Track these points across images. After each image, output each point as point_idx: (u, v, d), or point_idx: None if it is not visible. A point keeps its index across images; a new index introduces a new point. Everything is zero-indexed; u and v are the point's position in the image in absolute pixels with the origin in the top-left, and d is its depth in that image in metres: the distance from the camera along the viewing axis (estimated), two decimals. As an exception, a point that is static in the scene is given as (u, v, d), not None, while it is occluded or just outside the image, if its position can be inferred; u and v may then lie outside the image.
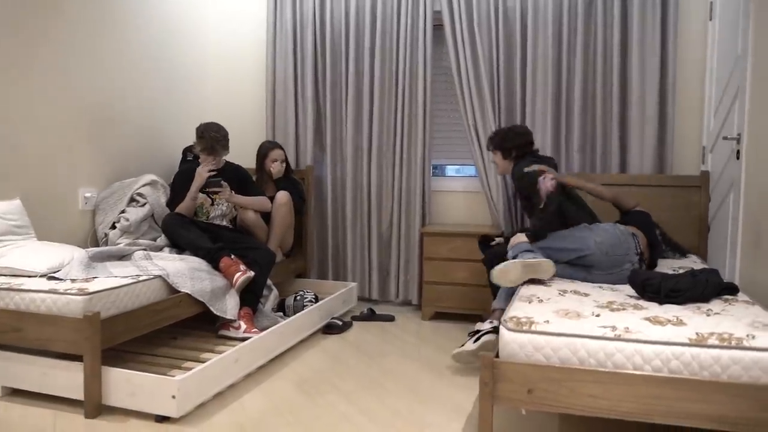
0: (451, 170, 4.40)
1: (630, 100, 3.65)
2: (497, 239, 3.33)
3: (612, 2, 3.65)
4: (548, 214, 2.74)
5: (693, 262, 3.08)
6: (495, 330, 2.84)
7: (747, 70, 2.77)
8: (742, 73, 2.85)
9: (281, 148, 4.02)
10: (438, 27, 4.06)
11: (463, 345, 2.85)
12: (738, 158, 2.86)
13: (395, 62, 4.10)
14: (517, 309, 2.10)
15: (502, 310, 2.84)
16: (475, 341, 2.83)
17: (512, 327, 1.94)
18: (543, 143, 3.82)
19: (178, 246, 3.25)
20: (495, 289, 3.10)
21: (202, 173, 3.30)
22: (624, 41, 3.66)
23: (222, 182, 3.33)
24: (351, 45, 4.16)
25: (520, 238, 2.76)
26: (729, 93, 3.10)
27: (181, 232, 3.20)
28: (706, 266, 2.94)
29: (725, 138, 2.98)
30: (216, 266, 3.08)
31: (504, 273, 2.56)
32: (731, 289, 2.36)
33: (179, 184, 3.46)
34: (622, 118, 3.70)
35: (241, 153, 4.38)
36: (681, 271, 2.82)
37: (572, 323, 1.93)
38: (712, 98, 3.46)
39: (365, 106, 4.17)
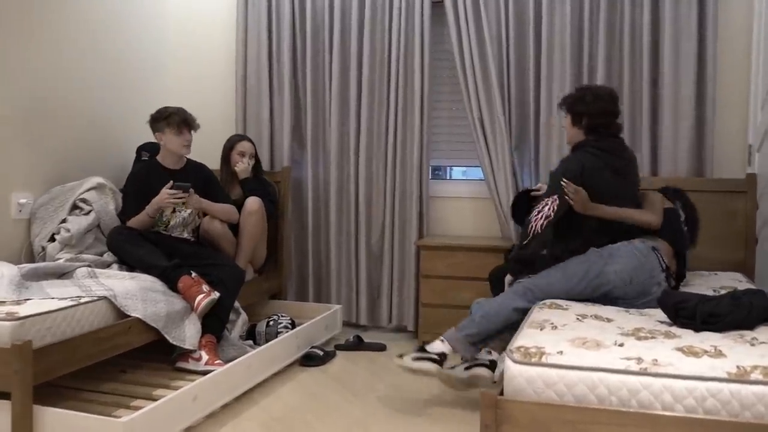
0: (457, 172, 4.40)
1: (662, 90, 3.66)
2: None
3: (641, -25, 3.66)
4: (536, 242, 2.77)
5: (737, 281, 3.08)
6: (491, 365, 2.82)
7: (798, 55, 2.77)
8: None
9: (251, 141, 4.02)
10: (438, 4, 4.06)
11: (453, 367, 2.83)
12: (788, 158, 2.86)
13: (387, 44, 4.11)
14: (525, 337, 2.09)
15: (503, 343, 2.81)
16: (467, 368, 2.81)
17: (519, 358, 1.93)
18: (560, 140, 3.82)
19: (127, 264, 3.23)
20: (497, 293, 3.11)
21: (165, 194, 3.28)
22: (655, 20, 3.67)
23: (189, 188, 3.32)
24: (336, 24, 4.17)
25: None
26: (778, 82, 3.11)
27: (130, 248, 3.19)
28: (751, 286, 2.94)
29: (773, 134, 2.98)
30: (174, 287, 3.07)
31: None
32: (781, 314, 2.35)
33: (132, 189, 3.45)
34: (653, 112, 3.70)
35: (206, 152, 4.36)
36: (722, 291, 2.82)
37: (591, 354, 1.92)
38: (758, 88, 3.47)
39: (352, 96, 4.17)
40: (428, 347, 2.81)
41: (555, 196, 2.78)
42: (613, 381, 1.82)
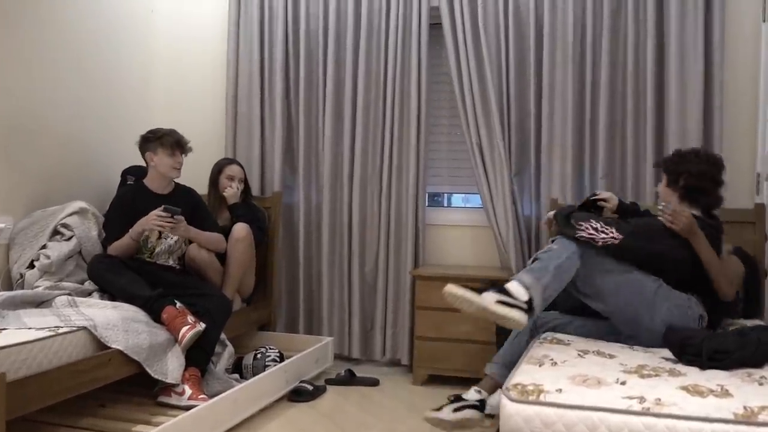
0: (457, 200, 4.41)
1: (667, 115, 3.69)
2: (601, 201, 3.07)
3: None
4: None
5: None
6: (480, 405, 2.77)
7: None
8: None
9: (240, 165, 4.04)
10: (435, 26, 4.11)
11: (440, 408, 2.78)
12: (797, 189, 2.88)
13: (383, 68, 4.14)
14: (523, 373, 2.09)
15: (497, 382, 2.78)
16: (455, 410, 2.75)
17: (516, 397, 1.92)
18: (562, 167, 3.84)
19: (109, 293, 3.22)
20: (501, 341, 3.08)
21: (153, 216, 3.27)
22: (660, 45, 3.72)
23: (180, 213, 3.32)
24: (330, 46, 4.21)
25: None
26: (786, 109, 3.14)
27: (111, 277, 3.19)
28: (760, 323, 2.94)
29: (782, 163, 3.00)
30: (157, 318, 3.06)
31: (456, 297, 2.52)
32: (790, 351, 2.35)
33: (117, 213, 3.46)
34: (658, 138, 3.73)
35: (194, 175, 4.37)
36: (730, 328, 2.82)
37: (591, 393, 1.92)
38: (767, 115, 3.50)
39: (347, 119, 4.19)
40: (512, 291, 2.49)
41: (619, 235, 2.64)
42: (615, 421, 1.82)
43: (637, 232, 2.67)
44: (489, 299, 2.46)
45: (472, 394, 2.77)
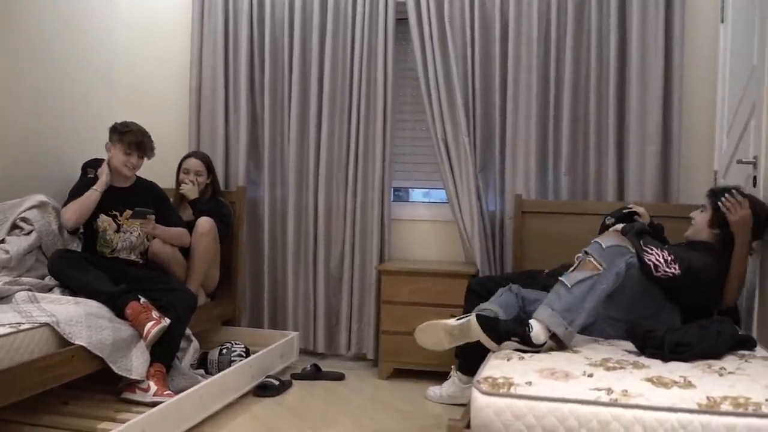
0: (417, 194, 4.43)
1: (629, 113, 3.77)
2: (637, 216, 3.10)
3: (608, -1, 3.78)
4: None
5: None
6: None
7: (764, 84, 2.88)
8: (758, 85, 2.97)
9: (203, 159, 3.99)
10: (402, 21, 4.12)
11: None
12: (755, 186, 2.96)
13: (349, 63, 4.14)
14: (492, 368, 2.12)
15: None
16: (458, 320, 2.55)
17: (487, 390, 1.95)
18: (526, 163, 3.89)
19: (71, 289, 3.17)
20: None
21: (105, 169, 3.29)
22: (622, 44, 3.79)
23: (150, 213, 3.30)
24: (296, 40, 4.18)
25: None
26: (743, 109, 3.23)
27: (72, 272, 3.14)
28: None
29: (740, 162, 3.09)
30: (121, 314, 3.02)
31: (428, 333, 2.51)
32: (747, 343, 2.43)
33: (77, 192, 3.39)
34: (620, 135, 3.81)
35: (157, 169, 4.31)
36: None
37: (560, 385, 1.96)
38: (725, 114, 3.59)
39: (312, 113, 4.18)
40: (533, 337, 2.38)
41: (678, 272, 2.61)
42: (584, 412, 1.86)
43: (692, 270, 2.64)
44: (508, 347, 2.38)
45: (539, 334, 2.41)
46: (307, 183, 4.22)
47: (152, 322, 2.98)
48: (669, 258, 2.61)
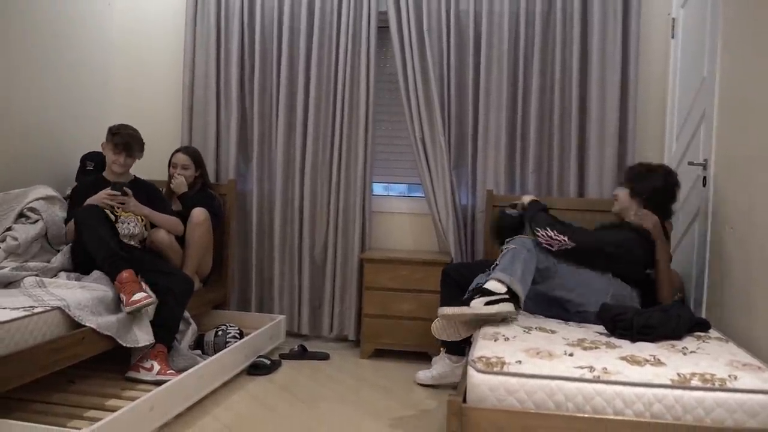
0: (397, 189, 4.44)
1: (589, 118, 3.83)
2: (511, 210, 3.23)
3: (572, 13, 3.83)
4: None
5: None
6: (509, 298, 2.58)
7: (714, 94, 2.98)
8: (708, 96, 3.07)
9: (190, 154, 3.92)
10: (383, 29, 4.12)
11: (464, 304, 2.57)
12: (704, 185, 3.06)
13: (334, 66, 4.12)
14: (484, 348, 2.15)
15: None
16: (489, 303, 2.53)
17: (482, 368, 1.98)
18: (496, 161, 3.94)
19: (80, 243, 3.11)
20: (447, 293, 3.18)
21: (102, 194, 3.20)
22: (584, 55, 3.85)
23: (126, 189, 3.24)
24: (284, 44, 4.15)
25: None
26: (693, 116, 3.32)
27: (94, 224, 3.05)
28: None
29: (690, 163, 3.18)
30: (114, 276, 2.95)
31: (451, 316, 2.53)
32: (703, 325, 2.52)
33: (78, 200, 3.33)
34: (581, 138, 3.88)
35: (151, 163, 4.24)
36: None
37: (546, 363, 2.00)
38: (674, 121, 3.69)
39: (299, 112, 4.15)
40: (492, 289, 2.54)
41: (572, 243, 2.75)
42: (570, 388, 1.91)
43: (586, 237, 2.81)
44: (478, 305, 2.51)
45: (496, 286, 2.57)
46: (294, 177, 4.19)
47: (144, 294, 2.92)
48: (553, 233, 2.76)
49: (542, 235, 2.78)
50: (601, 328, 2.51)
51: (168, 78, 4.46)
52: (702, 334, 2.46)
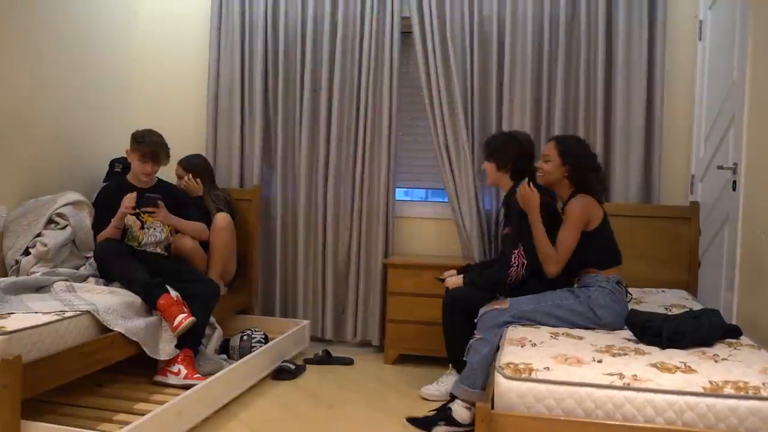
0: (417, 194, 4.43)
1: (614, 122, 3.80)
2: (446, 273, 3.30)
3: (596, 17, 3.80)
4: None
5: (683, 299, 3.22)
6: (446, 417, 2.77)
7: (744, 98, 2.94)
8: (738, 100, 3.02)
9: (180, 163, 3.94)
10: (406, 34, 4.13)
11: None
12: (734, 189, 3.02)
13: (357, 72, 4.13)
14: (511, 354, 2.14)
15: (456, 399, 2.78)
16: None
17: (510, 374, 1.97)
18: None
19: (108, 277, 3.14)
20: (451, 347, 3.18)
21: (127, 201, 3.21)
22: (609, 59, 3.82)
23: (159, 200, 3.26)
24: (308, 51, 4.16)
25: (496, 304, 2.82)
26: (722, 120, 3.28)
27: (116, 260, 3.11)
28: (695, 303, 3.09)
29: (720, 167, 3.14)
30: (153, 303, 3.00)
31: None
32: (733, 332, 2.47)
33: (103, 204, 3.37)
34: (606, 142, 3.84)
35: (172, 166, 4.27)
36: (672, 308, 2.95)
37: (575, 370, 1.98)
38: (702, 124, 3.65)
39: (322, 119, 4.17)
40: (458, 419, 2.74)
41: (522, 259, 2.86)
42: (599, 395, 1.89)
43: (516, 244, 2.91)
44: None
45: (461, 414, 2.75)
46: (317, 183, 4.20)
47: (184, 315, 2.97)
48: (513, 269, 2.87)
49: (510, 277, 2.87)
50: (628, 334, 2.47)
51: (192, 85, 4.49)
52: (733, 341, 2.41)
